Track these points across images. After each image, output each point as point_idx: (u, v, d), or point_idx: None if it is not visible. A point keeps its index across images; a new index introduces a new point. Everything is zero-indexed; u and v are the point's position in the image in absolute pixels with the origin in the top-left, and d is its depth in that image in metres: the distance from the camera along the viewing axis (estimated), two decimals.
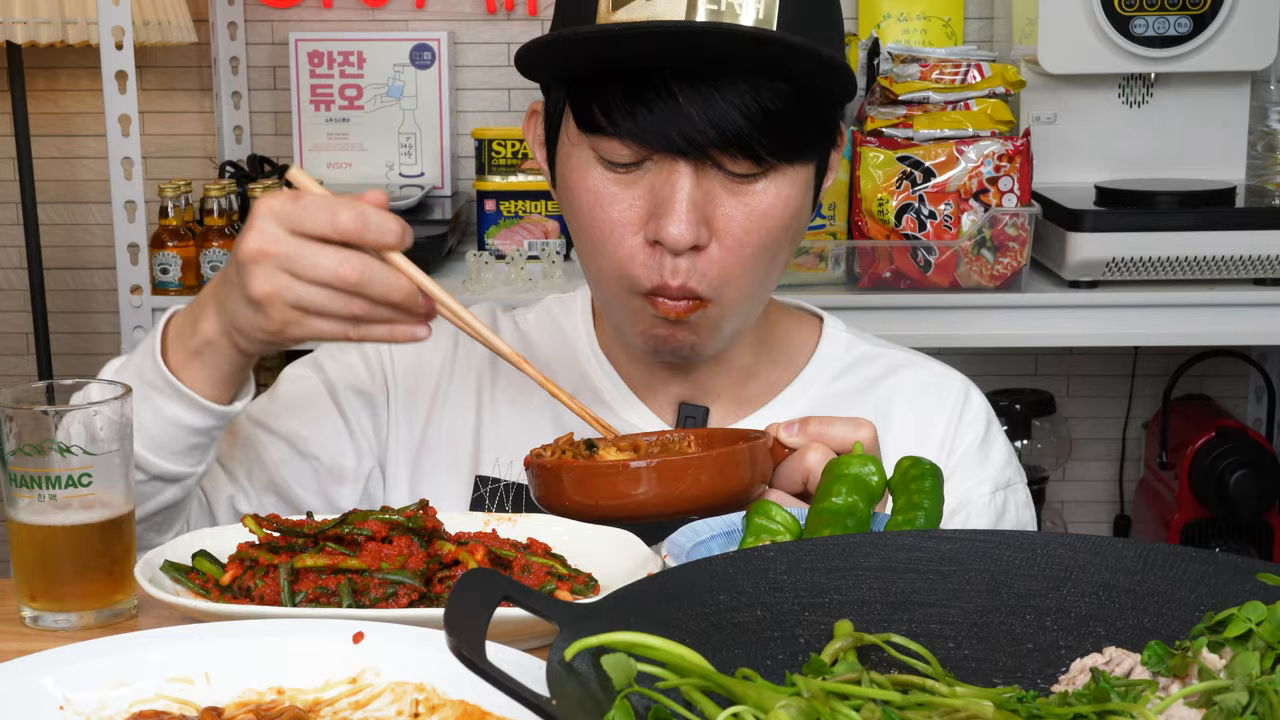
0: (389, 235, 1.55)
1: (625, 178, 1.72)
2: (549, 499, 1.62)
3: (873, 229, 3.20)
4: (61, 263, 4.05)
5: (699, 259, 1.71)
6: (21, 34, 3.41)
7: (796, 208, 1.75)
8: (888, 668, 1.16)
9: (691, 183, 1.69)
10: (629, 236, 1.72)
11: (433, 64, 3.74)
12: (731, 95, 1.65)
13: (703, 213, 1.69)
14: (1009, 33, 3.72)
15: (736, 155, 1.68)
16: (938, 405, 1.94)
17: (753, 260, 1.73)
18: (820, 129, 1.76)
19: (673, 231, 1.67)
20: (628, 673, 1.01)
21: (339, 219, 1.53)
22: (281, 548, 1.49)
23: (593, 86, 1.71)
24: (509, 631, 1.32)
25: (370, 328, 1.57)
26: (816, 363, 1.96)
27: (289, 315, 1.56)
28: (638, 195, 1.72)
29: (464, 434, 1.93)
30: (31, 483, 1.47)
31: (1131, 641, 1.18)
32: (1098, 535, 1.28)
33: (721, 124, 1.66)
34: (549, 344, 1.97)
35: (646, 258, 1.72)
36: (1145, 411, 4.09)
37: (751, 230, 1.71)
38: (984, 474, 1.91)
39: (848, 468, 1.50)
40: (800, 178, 1.75)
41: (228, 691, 1.27)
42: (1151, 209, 3.27)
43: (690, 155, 1.68)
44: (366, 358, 1.96)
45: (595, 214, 1.74)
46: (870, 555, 1.26)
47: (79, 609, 1.50)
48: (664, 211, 1.69)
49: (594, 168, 1.74)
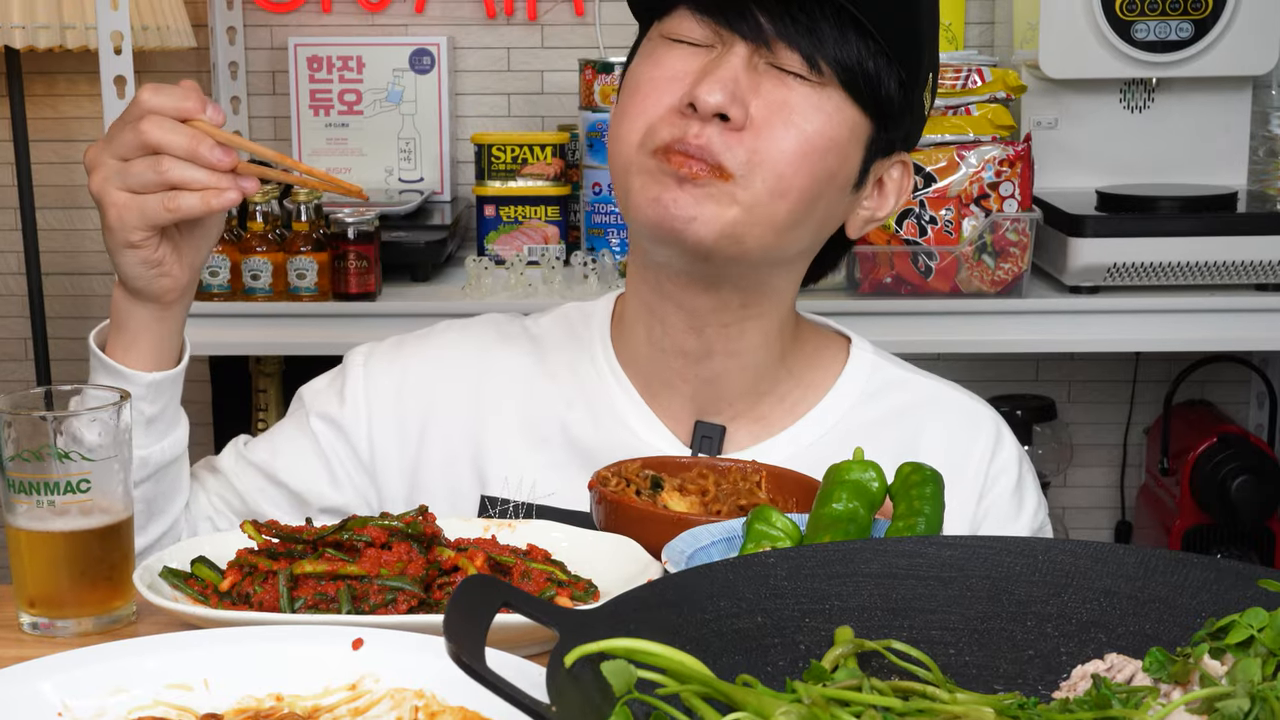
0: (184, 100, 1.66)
1: (685, 52, 1.74)
2: (610, 528, 1.64)
3: (873, 234, 3.20)
4: (60, 268, 4.04)
5: (727, 135, 1.70)
6: (20, 39, 3.41)
7: (835, 140, 1.73)
8: (888, 674, 1.16)
9: (742, 62, 1.70)
10: (664, 98, 1.73)
11: (432, 69, 3.73)
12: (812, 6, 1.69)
13: (742, 93, 1.70)
14: (1010, 37, 3.72)
15: (792, 50, 1.70)
16: (969, 445, 1.91)
17: (782, 163, 1.71)
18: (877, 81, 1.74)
19: (705, 93, 1.68)
20: (628, 679, 1.01)
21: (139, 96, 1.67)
22: (281, 554, 1.49)
23: None
24: (509, 638, 1.31)
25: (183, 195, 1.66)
26: (841, 386, 1.92)
27: (120, 198, 1.67)
28: (689, 68, 1.73)
29: (463, 452, 1.91)
30: (30, 489, 1.47)
31: (1133, 648, 1.18)
32: (1099, 541, 1.28)
33: (787, 18, 1.69)
34: (562, 350, 1.94)
35: (674, 118, 1.72)
36: (1146, 417, 4.09)
37: (789, 134, 1.71)
38: (1019, 523, 1.90)
39: (848, 473, 1.50)
40: (847, 114, 1.73)
41: (227, 698, 1.27)
42: (1153, 214, 3.27)
43: (749, 39, 1.70)
44: (343, 395, 1.95)
45: (641, 77, 1.76)
46: (871, 561, 1.26)
47: (77, 615, 1.50)
48: (705, 75, 1.70)
49: (659, 44, 1.77)
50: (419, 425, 1.93)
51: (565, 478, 1.83)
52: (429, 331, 2.01)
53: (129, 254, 1.70)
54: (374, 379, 1.94)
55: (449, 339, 1.99)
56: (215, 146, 1.64)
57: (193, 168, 1.64)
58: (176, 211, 1.65)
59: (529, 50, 3.92)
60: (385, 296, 3.25)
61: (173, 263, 1.73)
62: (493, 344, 1.97)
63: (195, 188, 1.65)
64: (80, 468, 1.47)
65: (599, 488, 1.65)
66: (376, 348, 1.98)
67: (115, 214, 1.67)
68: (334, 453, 1.93)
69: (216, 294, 3.21)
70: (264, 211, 3.23)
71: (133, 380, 1.75)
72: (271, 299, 3.18)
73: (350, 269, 3.17)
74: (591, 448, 1.84)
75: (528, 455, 1.88)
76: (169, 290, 1.74)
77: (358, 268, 3.17)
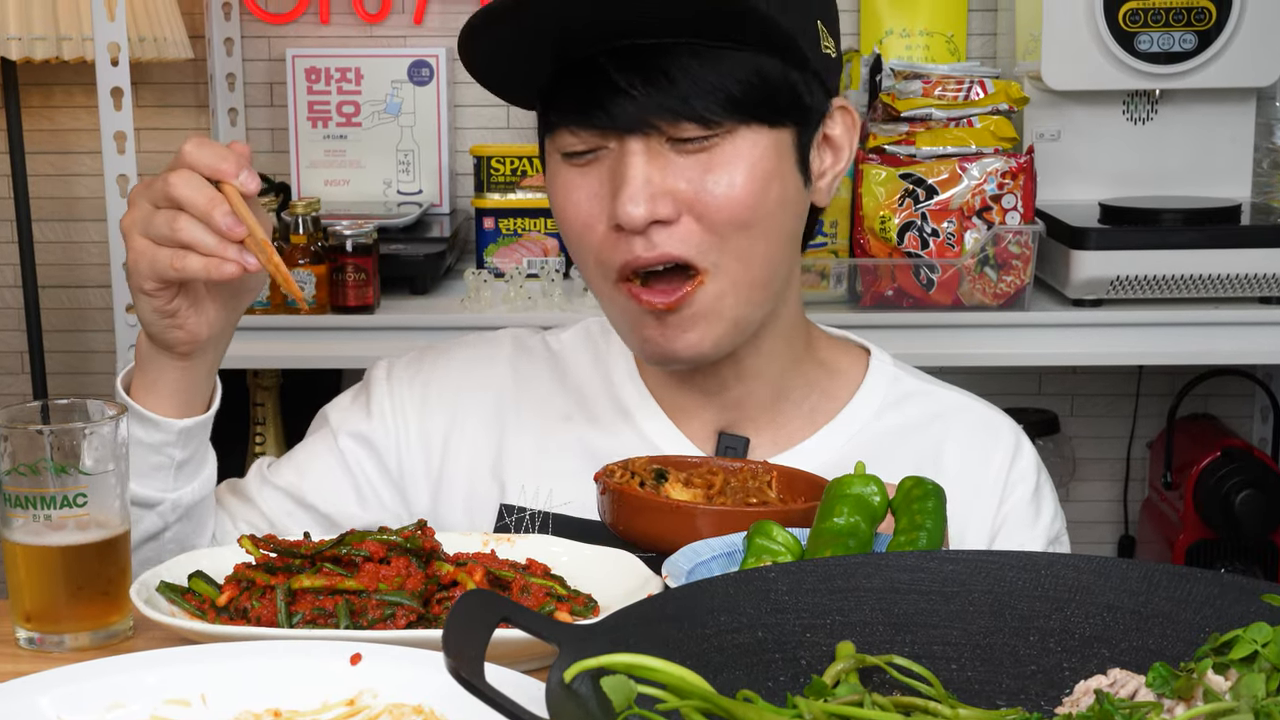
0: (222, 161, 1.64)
1: (585, 169, 1.73)
2: (614, 523, 1.65)
3: (875, 247, 3.20)
4: (57, 281, 4.04)
5: (673, 231, 1.70)
6: (16, 50, 3.41)
7: (767, 172, 1.72)
8: (890, 690, 1.17)
9: (643, 159, 1.69)
10: (595, 224, 1.73)
11: (431, 80, 3.73)
12: (669, 65, 1.66)
13: (661, 188, 1.69)
14: (1012, 49, 3.72)
15: (679, 121, 1.68)
16: (989, 454, 1.91)
17: (733, 225, 1.71)
18: (766, 85, 1.72)
19: (629, 209, 1.67)
20: (628, 694, 1.01)
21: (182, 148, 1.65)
22: (279, 569, 1.49)
23: (546, 94, 1.76)
24: (508, 653, 1.31)
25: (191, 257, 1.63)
26: (862, 396, 1.92)
27: (137, 245, 1.65)
28: (598, 182, 1.72)
29: (483, 462, 1.91)
30: (26, 503, 1.47)
31: (1136, 663, 1.18)
32: (1102, 556, 1.29)
33: (660, 95, 1.66)
34: (583, 365, 1.95)
35: (616, 240, 1.72)
36: (1150, 431, 4.08)
37: (718, 195, 1.70)
38: (1035, 530, 1.90)
39: (849, 487, 1.50)
40: (764, 141, 1.72)
41: (224, 713, 1.27)
42: (1156, 227, 3.27)
43: (634, 131, 1.68)
44: (369, 409, 1.95)
45: (565, 209, 1.76)
46: (872, 576, 1.25)
47: (74, 630, 1.50)
48: (618, 191, 1.69)
49: (560, 167, 1.75)
50: (442, 436, 1.94)
51: (582, 488, 1.82)
52: (451, 344, 2.02)
53: (143, 299, 1.69)
54: (398, 391, 1.95)
55: (470, 352, 2.00)
56: (229, 214, 1.61)
57: (205, 231, 1.62)
58: (182, 271, 1.63)
59: None
60: (384, 309, 3.25)
61: (189, 316, 1.71)
62: (513, 356, 1.98)
63: (203, 251, 1.63)
64: (77, 482, 1.47)
65: (604, 479, 1.66)
66: (398, 361, 1.99)
67: (133, 258, 1.66)
68: (361, 470, 1.94)
69: None
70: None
71: (162, 427, 1.75)
72: (269, 312, 3.18)
73: (348, 282, 3.17)
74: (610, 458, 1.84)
75: (546, 464, 1.89)
76: (182, 343, 1.72)
77: (356, 280, 3.17)
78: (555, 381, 1.94)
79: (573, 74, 1.71)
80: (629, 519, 1.62)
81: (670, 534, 1.58)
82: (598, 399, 1.91)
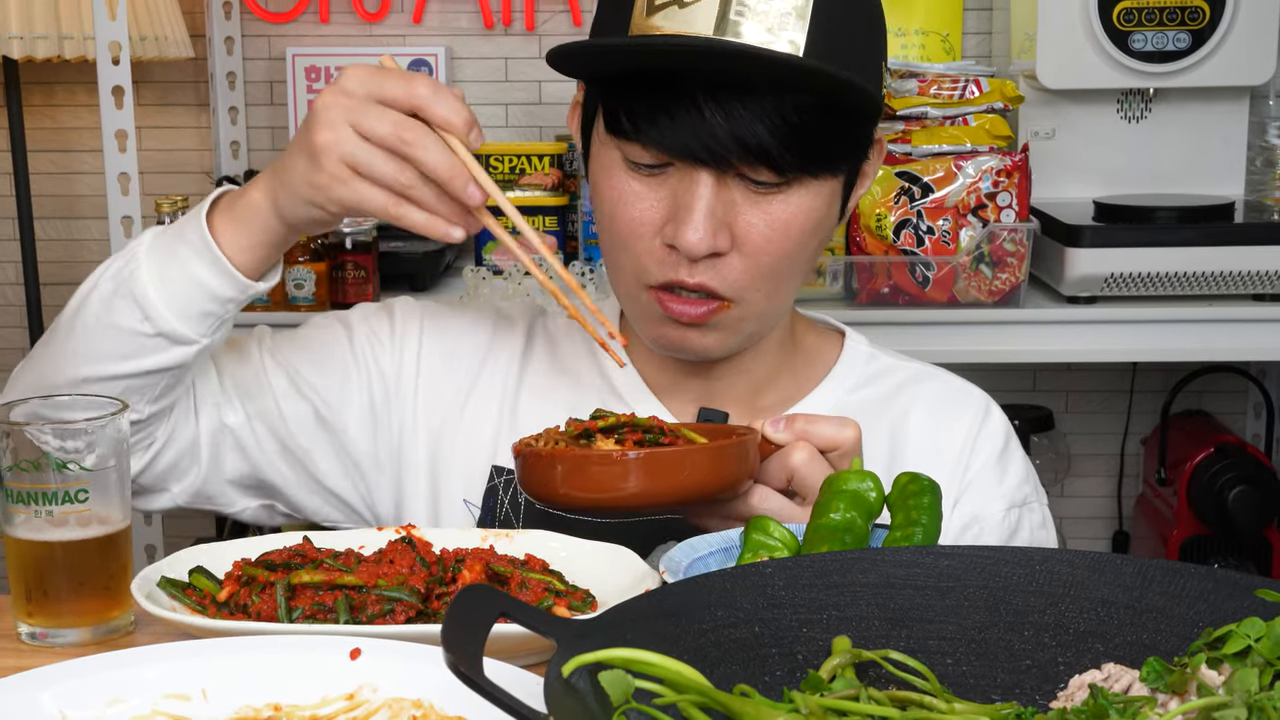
0: (456, 115, 1.59)
1: (649, 180, 1.74)
2: (537, 488, 1.61)
3: (871, 244, 3.20)
4: (58, 278, 4.04)
5: (719, 264, 1.72)
6: (18, 49, 3.41)
7: (820, 218, 1.76)
8: (886, 684, 1.17)
9: (711, 191, 1.70)
10: (648, 237, 1.74)
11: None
12: (755, 107, 1.66)
13: (722, 220, 1.70)
14: (1007, 48, 3.72)
15: (758, 165, 1.69)
16: (956, 419, 1.93)
17: (773, 268, 1.74)
18: (845, 144, 1.76)
19: (691, 238, 1.68)
20: (625, 689, 1.01)
21: (415, 86, 1.59)
22: (279, 564, 1.49)
23: (620, 91, 1.73)
24: (506, 648, 1.32)
25: (410, 208, 1.60)
26: (836, 375, 1.95)
27: (339, 171, 1.60)
28: (660, 198, 1.73)
29: (487, 426, 1.93)
30: (28, 499, 1.47)
31: (1130, 658, 1.18)
32: (1096, 551, 1.28)
33: (743, 135, 1.66)
34: (574, 345, 1.97)
35: (664, 256, 1.73)
36: (1144, 427, 4.09)
37: (773, 240, 1.72)
38: (999, 490, 1.90)
39: (846, 483, 1.50)
40: (825, 190, 1.75)
41: (225, 708, 1.27)
42: (1150, 225, 3.27)
43: (711, 164, 1.69)
44: (394, 330, 1.95)
45: (618, 211, 1.75)
46: (868, 571, 1.26)
47: (76, 625, 1.50)
48: (683, 218, 1.69)
49: (619, 167, 1.75)
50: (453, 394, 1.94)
51: None
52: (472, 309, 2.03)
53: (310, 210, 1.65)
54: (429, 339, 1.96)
55: (492, 319, 2.01)
56: (470, 182, 1.60)
57: (438, 197, 1.60)
58: (399, 220, 1.61)
59: (527, 61, 3.92)
60: None
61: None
62: (527, 331, 2.00)
63: (428, 207, 1.61)
64: (78, 478, 1.48)
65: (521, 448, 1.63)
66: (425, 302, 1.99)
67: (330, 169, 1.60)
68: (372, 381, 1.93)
69: None
70: None
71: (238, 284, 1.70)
72: (269, 309, 3.18)
73: (348, 279, 3.18)
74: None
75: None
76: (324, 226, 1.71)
77: (355, 278, 3.18)
78: (550, 361, 1.97)
79: (657, 86, 1.69)
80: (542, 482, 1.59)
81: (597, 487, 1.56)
82: (588, 376, 1.94)
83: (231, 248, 1.70)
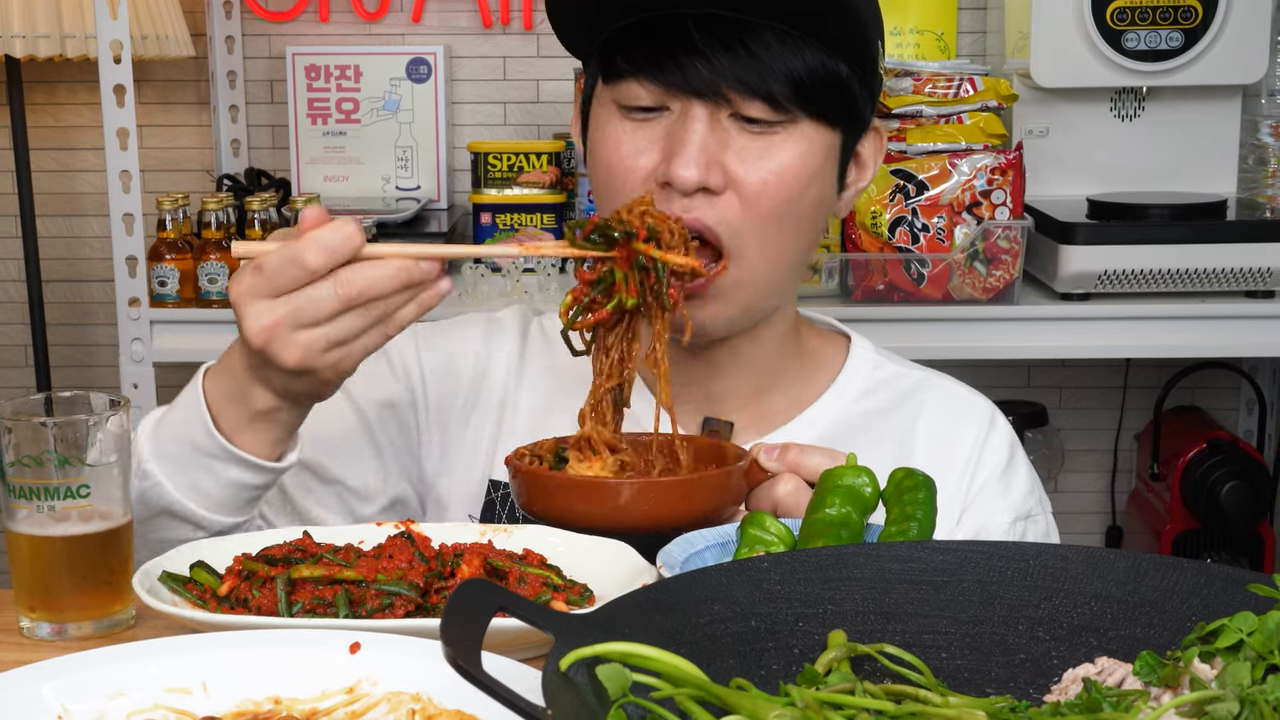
0: (349, 242, 1.52)
1: (643, 124, 1.74)
2: (525, 504, 1.63)
3: (866, 242, 3.21)
4: (60, 275, 4.05)
5: (715, 201, 1.71)
6: (20, 48, 3.41)
7: (815, 170, 1.75)
8: (881, 678, 1.17)
9: (705, 126, 1.70)
10: (636, 178, 1.74)
11: (429, 78, 3.74)
12: (749, 40, 1.67)
13: (715, 158, 1.71)
14: (1002, 47, 3.73)
15: (751, 98, 1.70)
16: (962, 430, 1.92)
17: (770, 215, 1.73)
18: (840, 93, 1.75)
19: (681, 171, 1.69)
20: (623, 683, 1.02)
21: (306, 260, 1.51)
22: (279, 559, 1.49)
23: (616, 36, 1.75)
24: (505, 642, 1.32)
25: (395, 319, 1.56)
26: (841, 382, 1.94)
27: (332, 358, 1.55)
28: (653, 140, 1.74)
29: (484, 440, 1.93)
30: (30, 494, 1.48)
31: (1123, 652, 1.19)
32: (1090, 546, 1.29)
33: (737, 67, 1.68)
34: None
35: (658, 195, 1.72)
36: (1137, 423, 4.10)
37: (769, 182, 1.72)
38: (1005, 502, 1.90)
39: (841, 479, 1.51)
40: (821, 140, 1.75)
41: (225, 701, 1.27)
42: (1143, 222, 3.28)
43: (705, 97, 1.70)
44: (393, 366, 1.95)
45: (612, 159, 1.76)
46: (864, 566, 1.26)
47: (77, 620, 1.50)
48: (675, 151, 1.70)
49: (615, 117, 1.76)
50: (456, 413, 1.95)
51: None
52: (465, 319, 2.03)
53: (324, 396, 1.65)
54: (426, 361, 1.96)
55: (482, 329, 2.01)
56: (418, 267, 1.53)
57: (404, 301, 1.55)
58: (399, 330, 1.57)
59: (525, 59, 3.92)
60: None
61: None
62: (518, 337, 2.00)
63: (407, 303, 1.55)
64: (80, 474, 1.48)
65: (514, 463, 1.64)
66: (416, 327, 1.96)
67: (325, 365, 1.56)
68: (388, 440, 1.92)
69: (215, 301, 3.22)
70: (262, 220, 3.24)
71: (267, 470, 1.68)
72: None
73: None
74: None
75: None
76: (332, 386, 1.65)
77: None
78: (545, 365, 1.96)
79: (652, 28, 1.71)
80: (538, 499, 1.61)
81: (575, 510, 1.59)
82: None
83: (256, 447, 1.67)
